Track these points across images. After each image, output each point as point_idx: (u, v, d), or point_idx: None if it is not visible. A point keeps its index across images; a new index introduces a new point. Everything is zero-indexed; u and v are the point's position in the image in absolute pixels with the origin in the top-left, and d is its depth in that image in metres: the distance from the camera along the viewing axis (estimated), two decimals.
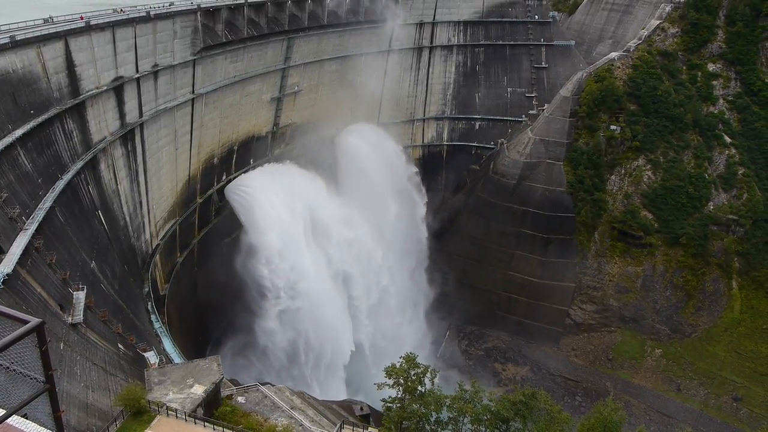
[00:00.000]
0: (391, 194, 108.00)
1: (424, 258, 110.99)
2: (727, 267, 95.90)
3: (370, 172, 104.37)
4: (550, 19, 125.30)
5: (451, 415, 46.79)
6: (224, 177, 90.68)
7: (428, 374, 46.54)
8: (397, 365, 46.72)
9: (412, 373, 46.06)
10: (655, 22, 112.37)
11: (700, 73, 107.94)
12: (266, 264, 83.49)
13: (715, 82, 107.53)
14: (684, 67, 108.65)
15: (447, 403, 46.21)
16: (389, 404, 46.74)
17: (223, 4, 78.76)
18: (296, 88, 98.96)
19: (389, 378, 46.50)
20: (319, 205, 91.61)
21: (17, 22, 53.32)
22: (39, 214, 42.79)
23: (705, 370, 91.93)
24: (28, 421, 6.77)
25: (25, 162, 45.98)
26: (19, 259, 36.53)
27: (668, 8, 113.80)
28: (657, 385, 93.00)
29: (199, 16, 74.02)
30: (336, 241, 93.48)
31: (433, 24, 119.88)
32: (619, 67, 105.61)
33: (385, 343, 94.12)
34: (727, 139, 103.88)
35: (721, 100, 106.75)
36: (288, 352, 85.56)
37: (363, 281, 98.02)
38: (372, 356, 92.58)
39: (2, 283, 33.43)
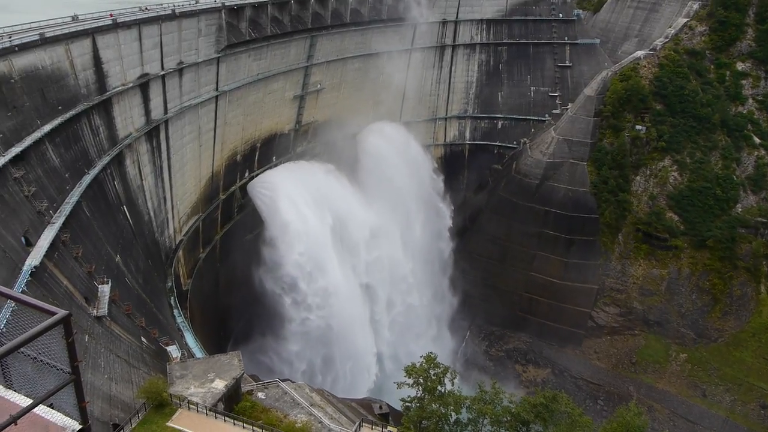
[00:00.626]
0: (416, 203, 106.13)
1: (448, 268, 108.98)
2: (755, 271, 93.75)
3: (394, 175, 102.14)
4: (575, 18, 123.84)
5: (470, 416, 46.55)
6: (247, 174, 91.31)
7: (448, 374, 46.35)
8: (417, 364, 46.62)
9: (432, 372, 45.91)
10: (682, 20, 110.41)
11: (728, 72, 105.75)
12: (289, 291, 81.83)
13: (744, 82, 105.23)
14: (712, 66, 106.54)
15: (467, 404, 46.00)
16: (408, 403, 46.65)
17: (248, 2, 79.24)
18: (319, 86, 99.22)
19: (409, 377, 46.43)
20: (343, 208, 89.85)
21: (46, 20, 54.24)
22: (66, 208, 43.51)
23: (731, 376, 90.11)
24: (53, 410, 6.81)
25: (53, 157, 46.76)
26: (47, 252, 37.18)
27: (696, 6, 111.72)
28: (681, 390, 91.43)
29: (223, 14, 74.57)
30: (362, 251, 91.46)
31: (456, 22, 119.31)
32: (644, 66, 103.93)
33: (407, 359, 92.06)
34: (756, 140, 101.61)
35: (750, 100, 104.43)
36: (308, 374, 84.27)
37: (387, 295, 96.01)
38: (392, 363, 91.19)
39: (30, 275, 34.04)
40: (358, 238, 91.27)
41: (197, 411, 35.58)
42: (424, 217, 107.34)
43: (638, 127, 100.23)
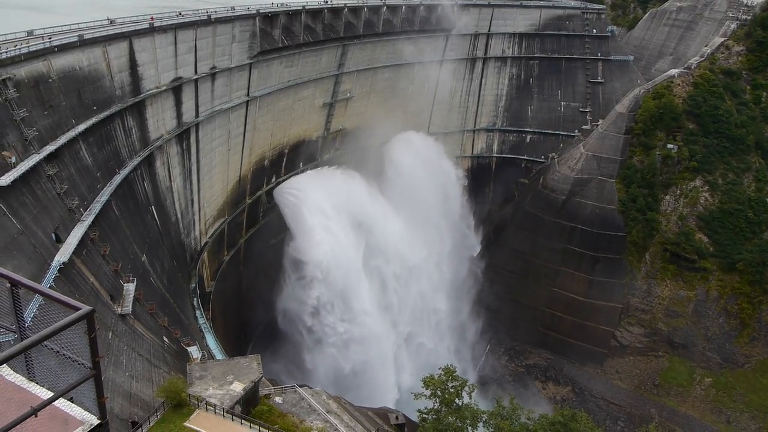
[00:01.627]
0: (445, 229, 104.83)
1: (473, 296, 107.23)
2: None
3: (421, 192, 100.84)
4: (609, 34, 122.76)
5: (487, 431, 46.09)
6: (273, 179, 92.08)
7: (466, 388, 45.99)
8: (436, 376, 46.37)
9: (450, 385, 45.61)
10: (718, 40, 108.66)
11: (764, 94, 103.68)
12: (314, 343, 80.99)
13: None
14: (748, 87, 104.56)
15: (484, 419, 45.60)
16: (425, 415, 46.35)
17: (282, 10, 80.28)
18: (348, 94, 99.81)
19: (427, 388, 46.18)
20: (376, 232, 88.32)
21: (85, 22, 55.65)
22: (96, 206, 44.38)
23: (757, 403, 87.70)
24: (73, 404, 6.95)
25: (86, 156, 47.79)
26: (75, 249, 37.97)
27: (733, 26, 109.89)
28: (705, 416, 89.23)
29: (257, 21, 75.59)
30: (393, 283, 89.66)
31: (488, 35, 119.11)
32: (678, 85, 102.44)
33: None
34: None
35: None
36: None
37: (415, 333, 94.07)
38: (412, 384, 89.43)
39: (58, 271, 34.79)
40: (388, 271, 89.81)
41: (215, 412, 35.83)
42: (452, 245, 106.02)
43: (670, 145, 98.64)
